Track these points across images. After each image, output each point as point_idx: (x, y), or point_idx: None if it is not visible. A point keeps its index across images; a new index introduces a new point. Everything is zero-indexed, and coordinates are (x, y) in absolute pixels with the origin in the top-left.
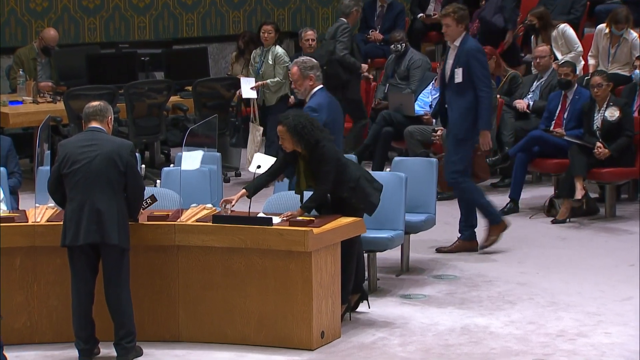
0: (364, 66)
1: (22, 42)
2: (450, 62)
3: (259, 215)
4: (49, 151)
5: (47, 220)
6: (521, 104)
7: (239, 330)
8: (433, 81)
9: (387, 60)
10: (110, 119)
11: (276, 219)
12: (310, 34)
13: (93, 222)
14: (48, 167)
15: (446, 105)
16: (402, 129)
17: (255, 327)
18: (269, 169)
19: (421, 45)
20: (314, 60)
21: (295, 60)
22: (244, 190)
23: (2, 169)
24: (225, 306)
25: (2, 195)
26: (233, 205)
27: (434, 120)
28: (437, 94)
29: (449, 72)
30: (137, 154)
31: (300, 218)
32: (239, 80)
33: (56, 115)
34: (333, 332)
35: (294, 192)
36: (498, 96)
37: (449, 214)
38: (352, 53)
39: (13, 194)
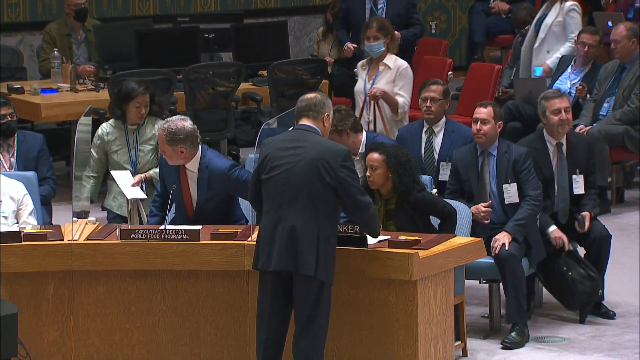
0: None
1: (58, 16)
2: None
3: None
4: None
5: (87, 238)
6: None
7: None
8: (572, 62)
9: (515, 37)
10: (328, 115)
11: (372, 239)
12: None
13: (286, 246)
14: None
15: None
16: (533, 125)
17: None
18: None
19: None
20: None
21: None
22: None
23: (32, 173)
24: None
25: (31, 207)
26: None
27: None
28: (578, 79)
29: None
30: None
31: (403, 237)
32: (325, 63)
33: (99, 106)
34: None
35: None
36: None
37: None
38: None
39: (45, 205)
